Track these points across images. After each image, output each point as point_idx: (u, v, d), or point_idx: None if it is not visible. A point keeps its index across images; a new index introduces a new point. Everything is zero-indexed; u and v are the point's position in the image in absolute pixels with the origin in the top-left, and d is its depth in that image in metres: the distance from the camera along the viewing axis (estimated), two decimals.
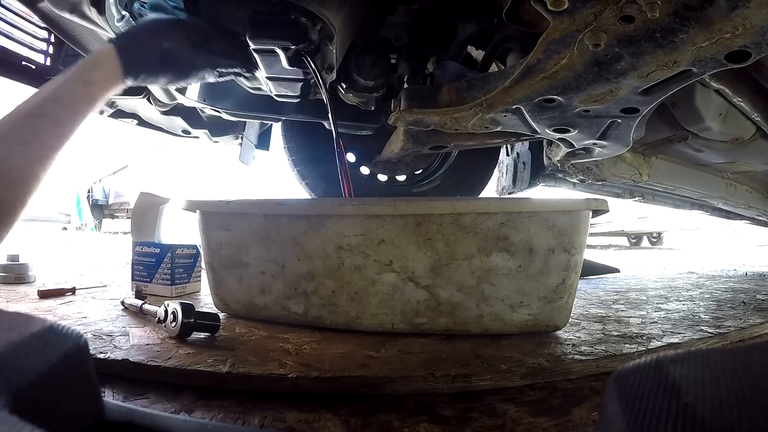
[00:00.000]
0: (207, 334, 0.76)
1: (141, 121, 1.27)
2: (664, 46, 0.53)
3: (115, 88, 0.57)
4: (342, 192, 0.96)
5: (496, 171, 1.57)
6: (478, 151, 1.39)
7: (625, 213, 6.19)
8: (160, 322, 0.78)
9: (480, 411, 0.55)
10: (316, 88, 0.80)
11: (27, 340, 0.23)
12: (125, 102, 1.16)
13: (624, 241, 7.53)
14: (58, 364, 0.23)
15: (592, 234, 6.68)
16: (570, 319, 0.85)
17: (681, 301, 1.23)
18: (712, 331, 0.87)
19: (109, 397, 0.58)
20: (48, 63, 1.06)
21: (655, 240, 7.20)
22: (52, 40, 1.06)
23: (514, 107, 0.73)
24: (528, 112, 0.74)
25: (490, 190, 1.59)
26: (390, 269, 0.80)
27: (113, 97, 1.10)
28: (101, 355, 0.65)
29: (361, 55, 0.86)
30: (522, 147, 1.51)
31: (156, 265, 1.16)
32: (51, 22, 0.88)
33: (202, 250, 0.99)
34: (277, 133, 1.51)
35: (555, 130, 0.81)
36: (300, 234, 0.83)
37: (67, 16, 0.80)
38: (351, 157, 1.39)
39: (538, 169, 1.47)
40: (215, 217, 0.92)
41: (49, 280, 1.44)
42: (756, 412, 0.16)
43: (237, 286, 0.91)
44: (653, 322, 0.94)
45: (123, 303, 1.00)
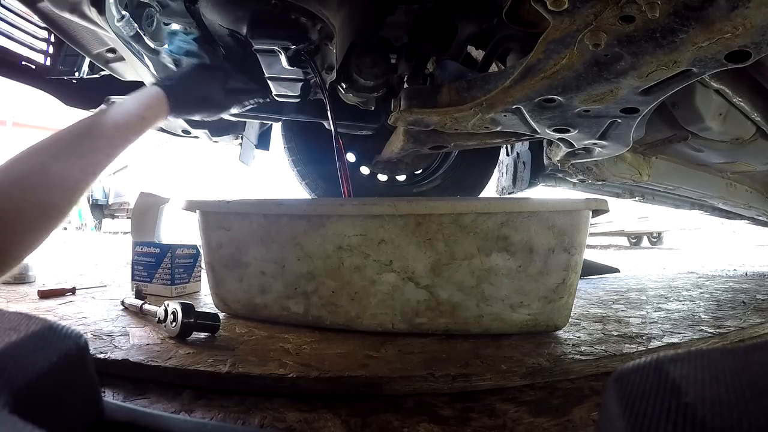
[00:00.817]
0: (207, 334, 0.76)
1: None
2: (664, 46, 0.53)
3: (161, 122, 0.68)
4: (342, 192, 0.96)
5: (496, 171, 1.57)
6: (478, 151, 1.39)
7: (625, 213, 6.19)
8: (160, 322, 0.78)
9: (480, 411, 0.55)
10: (316, 88, 0.80)
11: (27, 340, 0.23)
12: None
13: (624, 241, 7.53)
14: (58, 364, 0.23)
15: (592, 234, 6.68)
16: (570, 319, 0.85)
17: (681, 301, 1.23)
18: (712, 331, 0.87)
19: (109, 397, 0.58)
20: (48, 63, 1.06)
21: (655, 240, 7.20)
22: (52, 40, 1.06)
23: (514, 107, 0.73)
24: (528, 112, 0.74)
25: (490, 190, 1.59)
26: (390, 269, 0.80)
27: (113, 97, 1.10)
28: (101, 355, 0.65)
29: (361, 55, 0.86)
30: (522, 147, 1.51)
31: (156, 265, 1.16)
32: (51, 22, 0.88)
33: (202, 250, 0.99)
34: (277, 133, 1.50)
35: (555, 130, 0.81)
36: (300, 234, 0.83)
37: (67, 16, 0.80)
38: (351, 157, 1.39)
39: (538, 169, 1.47)
40: (215, 217, 0.92)
41: (49, 280, 1.44)
42: (756, 412, 0.16)
43: (237, 286, 0.91)
44: (653, 322, 0.94)
45: (123, 303, 1.00)
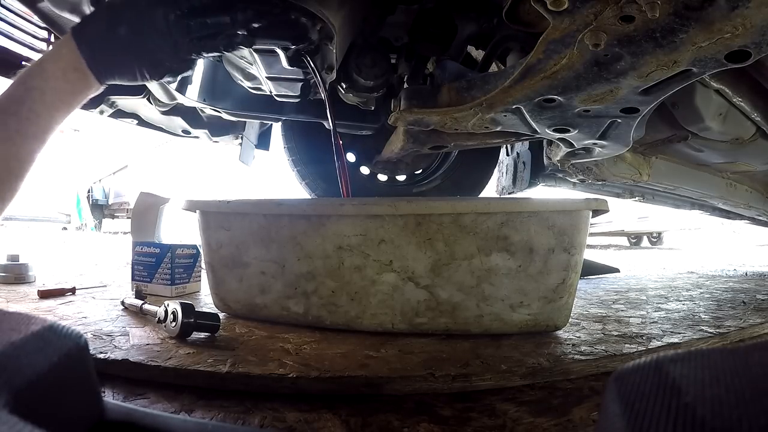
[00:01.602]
0: (207, 334, 0.76)
1: (141, 121, 1.26)
2: (664, 46, 0.53)
3: (90, 90, 0.57)
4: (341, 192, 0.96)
5: (496, 171, 1.57)
6: (478, 151, 1.39)
7: (625, 213, 6.19)
8: (160, 322, 0.78)
9: (480, 411, 0.55)
10: (316, 88, 0.80)
11: (27, 340, 0.23)
12: (125, 102, 1.16)
13: (624, 241, 7.53)
14: (58, 364, 0.23)
15: (592, 234, 6.68)
16: (570, 319, 0.85)
17: (681, 301, 1.23)
18: (712, 331, 0.87)
19: (109, 397, 0.58)
20: None
21: (655, 240, 7.20)
22: (52, 40, 1.06)
23: (514, 107, 0.73)
24: (528, 112, 0.74)
25: (490, 190, 1.59)
26: (390, 269, 0.80)
27: (113, 97, 1.10)
28: (101, 355, 0.65)
29: (361, 55, 0.86)
30: (522, 147, 1.51)
31: (156, 265, 1.16)
32: (51, 22, 0.88)
33: (202, 250, 0.99)
34: (277, 133, 1.51)
35: (555, 130, 0.81)
36: (300, 234, 0.83)
37: (67, 16, 0.80)
38: (351, 157, 1.39)
39: (538, 169, 1.47)
40: (215, 217, 0.92)
41: (49, 280, 1.44)
42: (756, 412, 0.16)
43: (237, 286, 0.91)
44: (653, 322, 0.94)
45: (123, 303, 1.00)
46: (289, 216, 0.84)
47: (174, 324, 0.74)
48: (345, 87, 0.91)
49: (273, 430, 0.49)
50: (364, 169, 1.39)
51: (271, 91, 0.86)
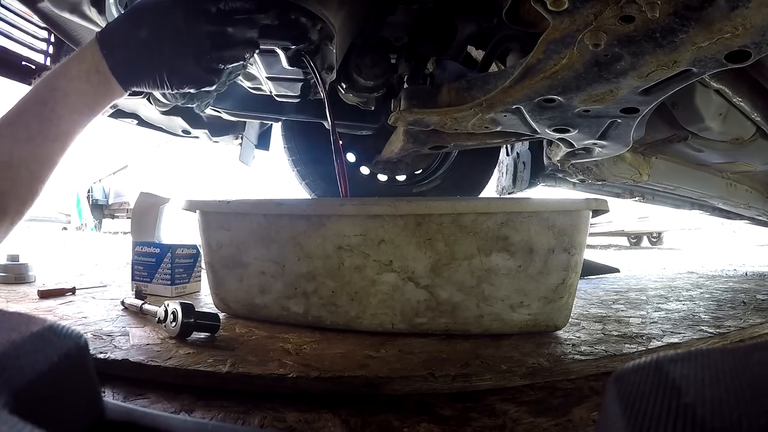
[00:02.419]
0: (207, 334, 0.76)
1: (141, 121, 1.26)
2: (664, 46, 0.53)
3: (114, 98, 0.56)
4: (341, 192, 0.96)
5: (496, 171, 1.57)
6: (478, 151, 1.39)
7: (625, 213, 6.19)
8: (160, 322, 0.78)
9: (480, 411, 0.55)
10: (316, 88, 0.80)
11: (27, 339, 0.23)
12: (125, 102, 1.16)
13: (624, 241, 7.53)
14: (58, 364, 0.23)
15: (592, 234, 6.68)
16: (570, 319, 0.85)
17: (681, 301, 1.23)
18: (712, 331, 0.87)
19: (109, 397, 0.58)
20: (48, 63, 1.06)
21: (655, 240, 7.20)
22: (52, 40, 1.06)
23: (514, 107, 0.73)
24: (528, 112, 0.74)
25: (490, 190, 1.59)
26: (390, 269, 0.80)
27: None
28: (101, 355, 0.65)
29: (361, 55, 0.86)
30: (522, 147, 1.51)
31: (156, 265, 1.16)
32: (51, 22, 0.88)
33: (202, 250, 0.99)
34: (277, 133, 1.51)
35: (555, 130, 0.81)
36: (300, 234, 0.83)
37: (67, 16, 0.80)
38: (351, 157, 1.39)
39: (538, 169, 1.47)
40: (215, 217, 0.92)
41: (49, 280, 1.44)
42: (756, 412, 0.16)
43: (237, 286, 0.91)
44: (653, 322, 0.94)
45: (123, 303, 1.00)
46: (289, 216, 0.84)
47: (174, 324, 0.74)
48: (345, 87, 0.91)
49: (273, 430, 0.49)
50: (364, 169, 1.39)
51: (271, 91, 0.86)
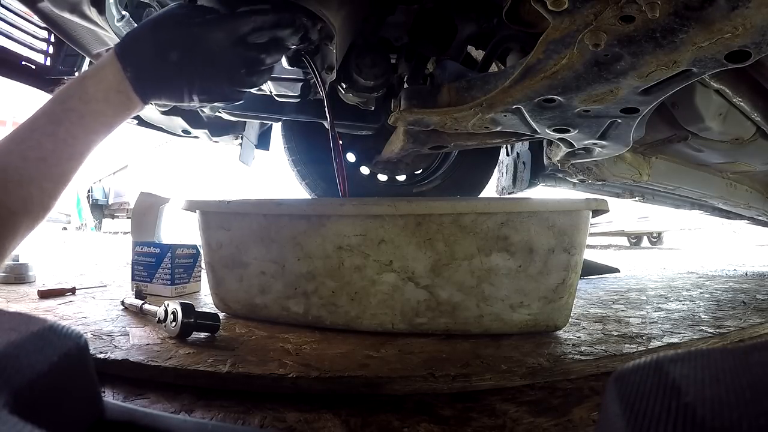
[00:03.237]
0: (207, 334, 0.76)
1: (141, 121, 1.26)
2: (664, 46, 0.53)
3: (135, 110, 0.55)
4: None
5: (496, 171, 1.57)
6: (478, 151, 1.39)
7: (625, 213, 6.19)
8: (160, 322, 0.78)
9: (480, 411, 0.55)
10: (316, 88, 0.80)
11: (27, 340, 0.23)
12: None
13: (624, 241, 7.53)
14: (58, 364, 0.23)
15: (592, 234, 6.68)
16: (570, 319, 0.85)
17: (681, 301, 1.23)
18: (712, 331, 0.87)
19: (109, 397, 0.58)
20: (48, 63, 1.06)
21: (655, 240, 7.20)
22: (52, 40, 1.06)
23: (514, 107, 0.73)
24: (528, 112, 0.74)
25: (490, 190, 1.59)
26: (390, 269, 0.80)
27: None
28: (101, 355, 0.65)
29: (361, 55, 0.86)
30: (522, 147, 1.51)
31: (156, 265, 1.16)
32: (51, 22, 0.88)
33: (202, 250, 0.99)
34: (277, 133, 1.50)
35: (555, 130, 0.81)
36: (300, 234, 0.83)
37: (67, 16, 0.80)
38: (351, 157, 1.39)
39: (538, 169, 1.47)
40: (215, 217, 0.92)
41: (49, 280, 1.44)
42: (756, 412, 0.16)
43: (237, 286, 0.91)
44: (653, 322, 0.94)
45: (123, 303, 1.00)
46: (289, 216, 0.84)
47: (174, 324, 0.74)
48: (345, 87, 0.91)
49: (273, 430, 0.49)
50: (364, 169, 1.39)
51: (271, 91, 0.86)
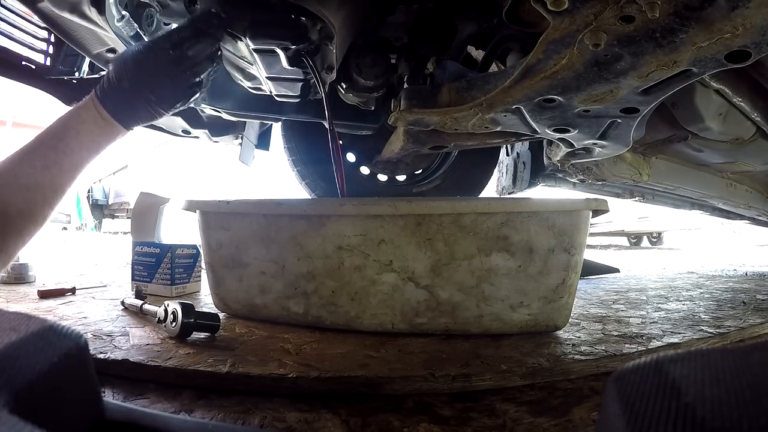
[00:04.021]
0: (207, 334, 0.76)
1: None
2: (664, 46, 0.53)
3: (119, 136, 0.64)
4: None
5: (496, 171, 1.57)
6: (478, 151, 1.39)
7: (625, 213, 6.19)
8: (160, 322, 0.78)
9: (480, 411, 0.55)
10: (316, 88, 0.80)
11: (27, 340, 0.23)
12: None
13: (624, 241, 7.52)
14: (58, 364, 0.23)
15: (592, 234, 6.68)
16: (570, 319, 0.85)
17: (681, 301, 1.23)
18: (712, 331, 0.87)
19: (109, 397, 0.58)
20: (48, 63, 1.06)
21: (655, 240, 7.19)
22: (52, 40, 1.06)
23: (514, 107, 0.73)
24: (528, 112, 0.74)
25: (490, 190, 1.59)
26: (390, 269, 0.80)
27: None
28: (101, 355, 0.65)
29: (361, 55, 0.86)
30: (522, 147, 1.51)
31: (156, 265, 1.16)
32: (51, 22, 0.88)
33: (202, 250, 0.99)
34: (277, 133, 1.50)
35: (555, 130, 0.81)
36: (300, 234, 0.83)
37: (67, 16, 0.80)
38: (351, 157, 1.39)
39: (538, 169, 1.47)
40: (215, 217, 0.92)
41: (49, 280, 1.44)
42: (756, 412, 0.16)
43: (237, 286, 0.91)
44: (653, 322, 0.94)
45: (123, 303, 1.00)
46: (289, 216, 0.84)
47: (174, 324, 0.74)
48: (345, 87, 0.91)
49: (273, 430, 0.49)
50: (364, 169, 1.39)
51: (271, 91, 0.86)
